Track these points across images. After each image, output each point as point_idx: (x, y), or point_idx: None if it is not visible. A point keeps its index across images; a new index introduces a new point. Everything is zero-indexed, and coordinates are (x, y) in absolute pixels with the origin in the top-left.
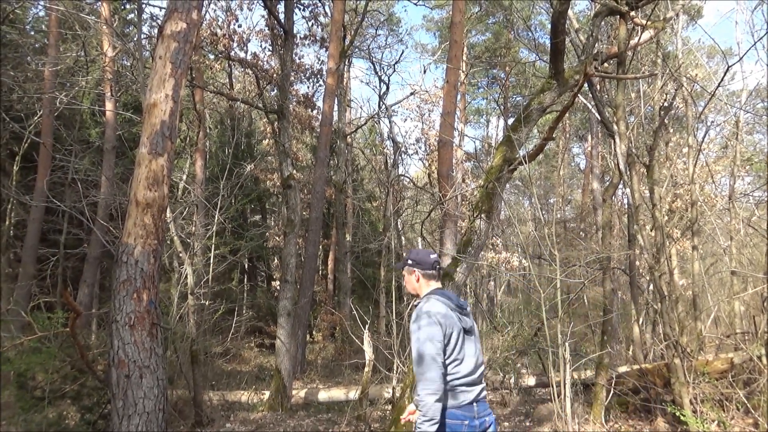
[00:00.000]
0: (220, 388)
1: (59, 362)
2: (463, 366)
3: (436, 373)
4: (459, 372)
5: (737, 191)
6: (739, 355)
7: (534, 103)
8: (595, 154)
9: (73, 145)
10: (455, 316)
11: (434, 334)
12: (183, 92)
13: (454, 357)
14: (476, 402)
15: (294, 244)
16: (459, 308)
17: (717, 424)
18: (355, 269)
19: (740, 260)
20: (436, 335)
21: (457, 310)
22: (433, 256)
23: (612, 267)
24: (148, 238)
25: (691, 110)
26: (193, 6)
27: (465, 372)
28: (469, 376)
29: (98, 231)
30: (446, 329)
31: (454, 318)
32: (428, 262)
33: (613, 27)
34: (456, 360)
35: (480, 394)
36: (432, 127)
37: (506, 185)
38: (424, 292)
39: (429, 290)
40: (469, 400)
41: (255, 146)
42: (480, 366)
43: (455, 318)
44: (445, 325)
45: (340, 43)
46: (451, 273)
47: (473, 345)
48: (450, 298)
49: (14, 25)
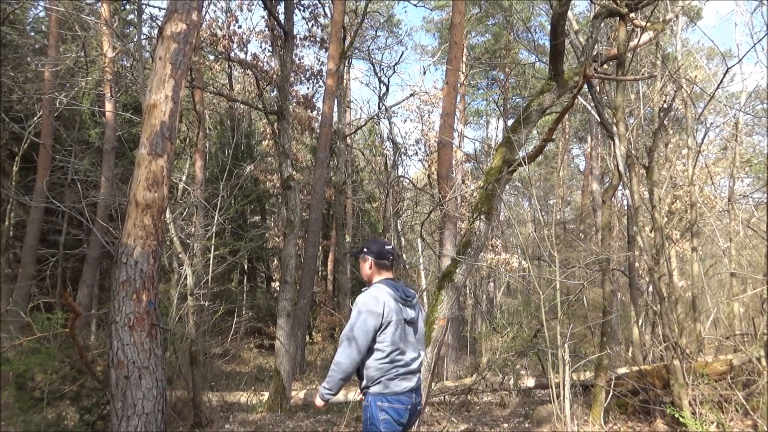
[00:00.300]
0: (219, 389)
1: (58, 363)
2: (405, 355)
3: (352, 359)
4: (401, 360)
5: (737, 193)
6: (738, 356)
7: (533, 104)
8: (595, 155)
9: (73, 145)
10: (398, 307)
11: (369, 326)
12: (183, 93)
13: (396, 346)
14: (414, 390)
15: (293, 245)
16: (404, 299)
17: (716, 426)
18: (355, 270)
19: (740, 262)
20: (369, 327)
21: (401, 301)
22: (387, 247)
23: (611, 268)
24: (148, 239)
25: (690, 112)
26: (193, 7)
27: (406, 361)
28: (410, 365)
29: (98, 232)
30: (385, 318)
31: (396, 308)
32: (382, 252)
33: (612, 29)
34: (398, 349)
35: (417, 382)
36: (432, 128)
37: (506, 186)
38: (375, 280)
39: (380, 279)
40: (408, 388)
41: (255, 147)
42: (419, 357)
43: (398, 309)
44: (384, 314)
45: (340, 44)
46: (450, 274)
47: (414, 336)
48: (396, 289)
49: (14, 25)
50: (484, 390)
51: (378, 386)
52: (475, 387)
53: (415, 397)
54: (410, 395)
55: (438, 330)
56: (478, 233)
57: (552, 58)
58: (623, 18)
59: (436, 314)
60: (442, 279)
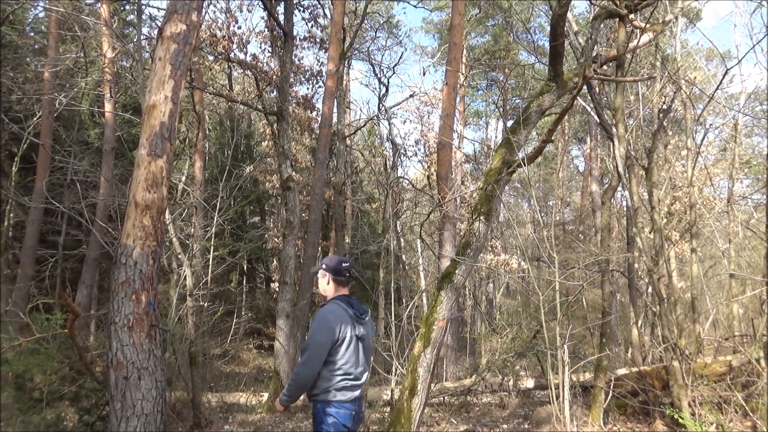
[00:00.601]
0: (218, 389)
1: (57, 364)
2: (353, 368)
3: (311, 369)
4: (350, 373)
5: (736, 194)
6: (737, 357)
7: (533, 105)
8: (594, 156)
9: (72, 146)
10: (351, 323)
11: (325, 339)
12: (182, 94)
13: (347, 359)
14: (358, 399)
15: (293, 246)
16: (357, 317)
17: (715, 427)
18: (354, 271)
19: (739, 263)
20: (325, 341)
21: (355, 318)
22: (344, 265)
23: (611, 269)
24: (147, 240)
25: (689, 113)
26: (193, 8)
27: (354, 374)
28: (358, 379)
29: (97, 232)
30: (339, 333)
31: (349, 324)
32: (339, 269)
33: (612, 30)
34: (348, 362)
35: (362, 392)
36: (431, 129)
37: (505, 187)
38: (331, 295)
39: (336, 295)
40: (354, 397)
41: (254, 148)
42: (366, 371)
43: (352, 325)
44: (338, 330)
45: (340, 45)
46: (450, 275)
47: (363, 351)
48: (352, 306)
49: (14, 26)
50: (484, 391)
51: (327, 394)
52: (475, 388)
53: (359, 405)
54: (354, 403)
55: (437, 331)
56: (477, 234)
57: (551, 59)
58: (623, 19)
59: (435, 315)
60: (442, 280)
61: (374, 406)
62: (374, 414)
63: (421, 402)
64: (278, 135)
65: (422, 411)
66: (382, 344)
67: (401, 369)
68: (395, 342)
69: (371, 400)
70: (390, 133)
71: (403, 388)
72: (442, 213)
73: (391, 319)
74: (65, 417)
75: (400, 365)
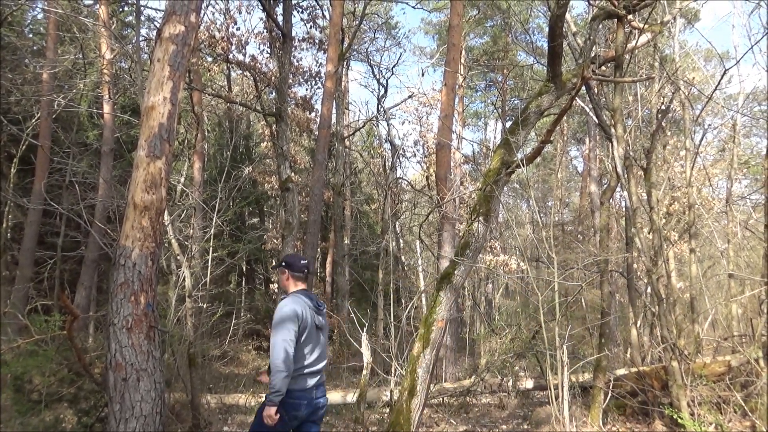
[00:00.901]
0: (217, 391)
1: (56, 365)
2: (311, 356)
3: (286, 357)
4: (307, 360)
5: (734, 194)
6: (736, 357)
7: (532, 106)
8: (593, 157)
9: (71, 147)
10: (311, 314)
11: (290, 327)
12: (181, 95)
13: (307, 348)
14: (316, 387)
15: (292, 247)
16: (316, 308)
17: (714, 427)
18: (353, 272)
19: (737, 263)
20: (291, 328)
21: (314, 309)
22: (302, 262)
23: (610, 270)
24: (146, 241)
25: (688, 113)
26: (192, 9)
27: (311, 361)
28: (315, 366)
29: (96, 234)
30: (302, 323)
31: (310, 315)
32: (298, 265)
33: (610, 30)
34: (307, 349)
35: (320, 380)
36: (430, 130)
37: (504, 188)
38: (291, 290)
39: (295, 290)
40: (311, 385)
41: (253, 149)
42: (324, 359)
43: (312, 315)
44: (301, 320)
45: (339, 46)
46: (449, 275)
47: (321, 340)
48: (310, 299)
49: (12, 27)
50: (483, 392)
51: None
52: (474, 388)
53: (317, 392)
54: (312, 391)
55: (436, 331)
56: (476, 235)
57: (550, 59)
58: (621, 20)
59: (434, 316)
60: (441, 280)
61: (374, 407)
62: (374, 415)
63: (420, 403)
64: (277, 136)
65: (421, 412)
66: (381, 345)
67: (400, 370)
68: (394, 343)
69: (371, 401)
70: (389, 134)
71: (402, 388)
72: (441, 214)
73: (391, 320)
74: (64, 419)
75: (399, 366)
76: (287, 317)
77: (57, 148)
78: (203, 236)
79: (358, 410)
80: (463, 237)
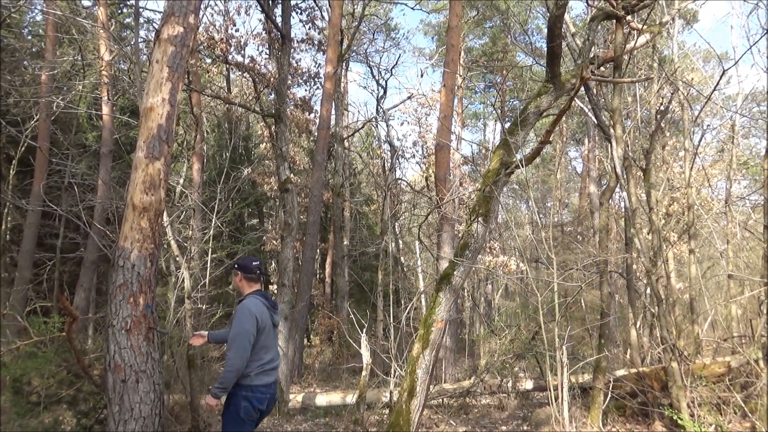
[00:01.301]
0: None
1: (55, 367)
2: (270, 354)
3: (242, 357)
4: (266, 358)
5: (734, 195)
6: (736, 358)
7: (531, 106)
8: (592, 157)
9: (70, 149)
10: (268, 313)
11: (250, 328)
12: (180, 96)
13: (267, 346)
14: (274, 382)
15: (291, 248)
16: (272, 307)
17: (714, 428)
18: (353, 273)
19: (737, 264)
20: (250, 329)
21: (270, 308)
22: (255, 264)
23: (609, 270)
24: (145, 242)
25: (687, 114)
26: (191, 10)
27: (271, 358)
28: (273, 362)
29: (95, 235)
30: (260, 323)
31: (267, 315)
32: (250, 268)
33: (609, 31)
34: (265, 348)
35: (276, 377)
36: (429, 131)
37: (503, 189)
38: (246, 292)
39: (251, 291)
40: (270, 381)
41: (252, 150)
42: (279, 357)
43: (268, 315)
44: (260, 320)
45: (338, 47)
46: (448, 276)
47: (276, 338)
48: (266, 298)
49: (11, 29)
50: (483, 392)
51: (246, 379)
52: (474, 389)
53: (273, 388)
54: (269, 387)
55: (436, 332)
56: (475, 235)
57: (549, 60)
58: (620, 21)
59: (434, 316)
60: (440, 281)
61: (373, 408)
62: (373, 416)
63: (419, 404)
64: (276, 137)
65: (421, 412)
66: (380, 346)
67: (400, 371)
68: (394, 344)
69: (370, 402)
70: (388, 135)
71: (401, 389)
72: (440, 214)
73: (390, 321)
74: (63, 420)
75: (398, 367)
76: (248, 321)
77: (56, 150)
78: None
79: (358, 411)
80: (463, 238)
